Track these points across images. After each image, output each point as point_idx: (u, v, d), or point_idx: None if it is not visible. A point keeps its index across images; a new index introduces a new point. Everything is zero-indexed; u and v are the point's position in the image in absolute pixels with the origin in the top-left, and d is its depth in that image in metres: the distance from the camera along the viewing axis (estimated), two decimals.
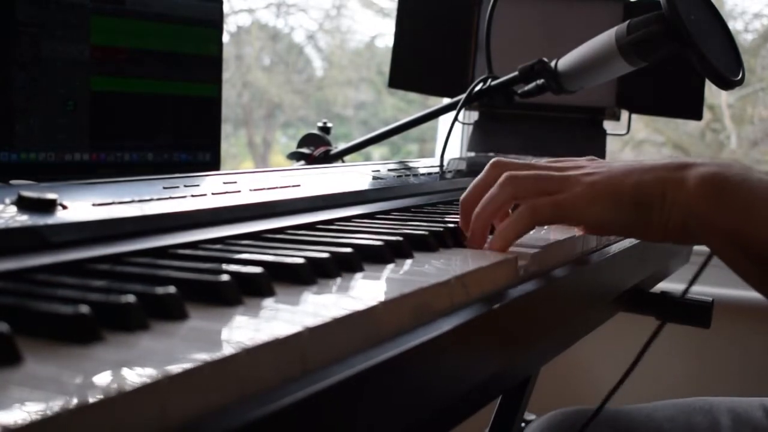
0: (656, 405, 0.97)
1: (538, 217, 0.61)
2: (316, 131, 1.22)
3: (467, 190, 0.67)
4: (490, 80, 1.09)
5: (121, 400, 0.28)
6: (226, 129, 1.88)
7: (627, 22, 0.95)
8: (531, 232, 0.71)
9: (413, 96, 2.15)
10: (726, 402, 0.94)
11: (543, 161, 0.67)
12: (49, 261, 0.44)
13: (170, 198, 0.60)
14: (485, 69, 1.11)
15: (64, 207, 0.52)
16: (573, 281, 0.66)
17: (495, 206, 0.63)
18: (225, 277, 0.41)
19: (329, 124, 1.23)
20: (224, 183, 0.68)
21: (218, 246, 0.53)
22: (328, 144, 1.20)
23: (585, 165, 0.64)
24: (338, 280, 0.48)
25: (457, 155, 1.79)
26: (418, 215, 0.74)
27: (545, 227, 0.74)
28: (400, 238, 0.56)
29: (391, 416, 0.42)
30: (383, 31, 2.37)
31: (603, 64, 0.98)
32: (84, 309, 0.33)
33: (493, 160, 0.66)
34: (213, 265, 0.46)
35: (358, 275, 0.49)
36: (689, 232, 0.60)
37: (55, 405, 0.26)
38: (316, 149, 1.18)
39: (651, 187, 0.60)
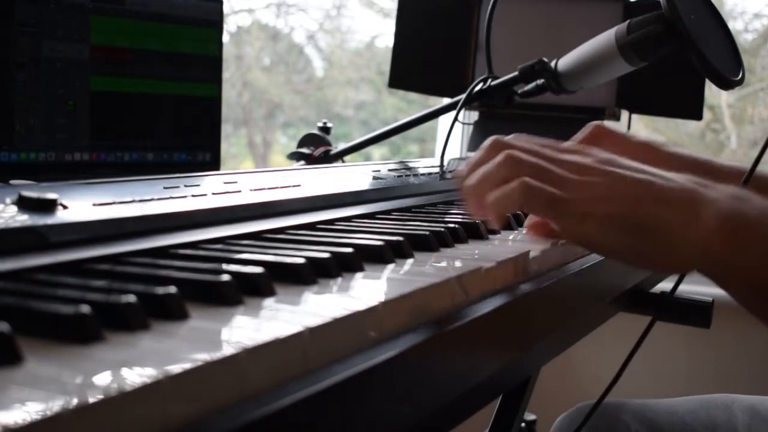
0: (679, 400, 0.99)
1: (531, 200, 0.56)
2: (316, 131, 1.22)
3: (466, 172, 0.61)
4: (490, 80, 1.09)
5: (122, 400, 0.28)
6: (226, 129, 1.88)
7: (627, 22, 0.95)
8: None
9: (413, 96, 2.15)
10: (746, 399, 0.96)
11: (547, 142, 0.61)
12: (49, 261, 0.44)
13: (170, 198, 0.60)
14: (485, 69, 1.11)
15: (65, 207, 0.52)
16: (573, 281, 0.66)
17: (489, 185, 0.57)
18: (225, 277, 0.41)
19: (329, 124, 1.22)
20: (224, 183, 0.68)
21: (218, 246, 0.53)
22: (328, 144, 1.20)
23: (590, 167, 0.57)
24: (339, 280, 0.48)
25: (457, 155, 1.79)
26: (418, 215, 0.74)
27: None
28: (401, 238, 0.56)
29: (391, 416, 0.42)
30: (383, 31, 2.38)
31: (603, 64, 0.98)
32: (84, 309, 0.33)
33: (491, 138, 0.60)
34: (213, 265, 0.46)
35: (359, 275, 0.49)
36: (698, 269, 0.56)
37: (56, 405, 0.26)
38: (316, 149, 1.18)
39: (654, 218, 0.54)
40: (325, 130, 1.22)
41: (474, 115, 1.42)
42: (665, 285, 1.05)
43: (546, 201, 0.55)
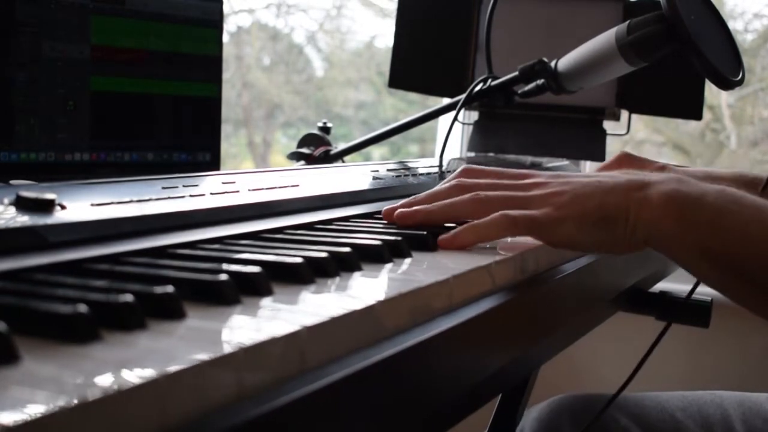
0: (664, 395, 1.00)
1: (513, 228, 0.62)
2: (316, 131, 1.22)
3: (424, 194, 0.67)
4: (490, 80, 1.09)
5: (120, 400, 0.28)
6: (226, 129, 1.88)
7: (627, 22, 0.95)
8: None
9: (413, 96, 2.15)
10: (736, 396, 0.96)
11: (507, 172, 0.68)
12: (47, 261, 0.44)
13: (169, 198, 0.60)
14: (485, 69, 1.11)
15: (63, 207, 0.52)
16: (572, 281, 0.66)
17: (451, 215, 0.64)
18: (223, 277, 0.41)
19: (329, 124, 1.23)
20: (223, 183, 0.68)
21: (217, 246, 0.53)
22: (328, 144, 1.20)
23: (549, 182, 0.64)
24: (337, 279, 0.48)
25: (457, 155, 1.79)
26: None
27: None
28: (399, 238, 0.56)
29: (390, 415, 0.42)
30: (383, 31, 2.37)
31: (603, 64, 0.98)
32: (83, 308, 0.33)
33: (456, 181, 0.67)
34: (212, 264, 0.46)
35: (357, 275, 0.49)
36: (654, 247, 0.62)
37: (54, 405, 0.26)
38: (316, 149, 1.18)
39: (614, 208, 0.61)
40: (325, 130, 1.22)
41: (474, 115, 1.42)
42: (665, 285, 1.05)
43: (526, 223, 0.61)
